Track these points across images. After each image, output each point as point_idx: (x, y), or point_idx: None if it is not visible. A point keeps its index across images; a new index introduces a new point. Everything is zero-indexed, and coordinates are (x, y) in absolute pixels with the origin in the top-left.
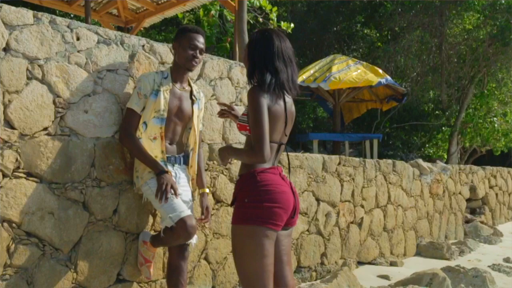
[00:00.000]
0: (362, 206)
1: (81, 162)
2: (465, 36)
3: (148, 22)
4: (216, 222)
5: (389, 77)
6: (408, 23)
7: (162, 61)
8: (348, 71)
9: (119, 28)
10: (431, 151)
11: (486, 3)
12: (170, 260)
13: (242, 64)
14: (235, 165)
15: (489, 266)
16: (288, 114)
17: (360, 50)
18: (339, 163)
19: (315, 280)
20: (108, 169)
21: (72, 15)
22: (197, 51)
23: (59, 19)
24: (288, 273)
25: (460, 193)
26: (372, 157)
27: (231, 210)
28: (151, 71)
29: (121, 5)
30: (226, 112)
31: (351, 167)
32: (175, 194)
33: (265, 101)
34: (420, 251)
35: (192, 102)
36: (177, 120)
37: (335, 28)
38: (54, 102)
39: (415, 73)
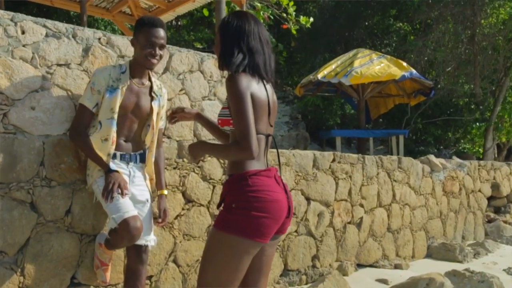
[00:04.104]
0: (362, 206)
1: (28, 161)
2: (501, 27)
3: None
4: (186, 223)
5: (414, 71)
6: (438, 14)
7: (121, 54)
8: (371, 65)
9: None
10: (467, 147)
11: None
12: (128, 264)
13: (215, 56)
14: (208, 163)
15: (504, 270)
16: (271, 102)
17: (394, 44)
18: (334, 160)
19: (305, 284)
20: (59, 168)
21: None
22: (156, 48)
23: (0, 12)
24: (263, 285)
25: (479, 190)
26: (398, 153)
27: (203, 210)
28: (107, 65)
29: (132, 4)
30: (176, 115)
31: (348, 164)
32: (122, 193)
33: (246, 87)
34: (431, 253)
35: (152, 99)
36: (134, 117)
37: (366, 23)
38: None
39: (448, 67)
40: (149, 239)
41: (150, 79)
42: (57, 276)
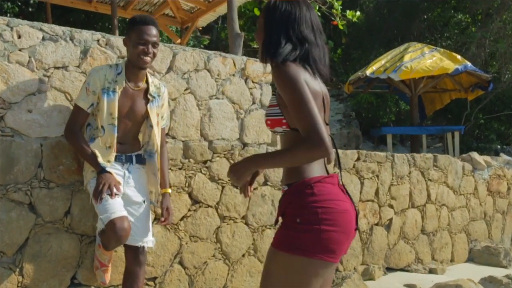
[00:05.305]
0: (391, 206)
1: (25, 163)
2: None
3: (202, 21)
4: (193, 224)
5: (469, 64)
6: (500, 3)
7: (121, 55)
8: (422, 59)
9: (177, 30)
10: None
11: None
12: (126, 265)
13: (223, 54)
14: (217, 163)
15: None
16: (325, 98)
17: (455, 37)
18: (358, 159)
19: None
20: (58, 170)
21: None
22: (149, 46)
23: None
24: None
25: None
26: (453, 150)
27: (211, 211)
28: (104, 65)
29: (174, 6)
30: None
31: (374, 163)
32: (111, 194)
33: (299, 74)
34: (473, 257)
35: (148, 101)
36: (127, 120)
37: (425, 16)
38: None
39: None
40: (146, 240)
41: (147, 80)
42: (56, 276)
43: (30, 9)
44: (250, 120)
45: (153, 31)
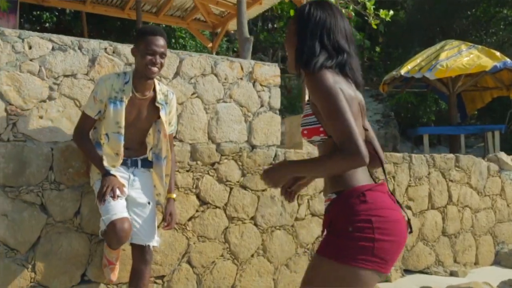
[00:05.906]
0: (409, 208)
1: (37, 166)
2: None
3: (233, 25)
4: (201, 225)
5: (508, 60)
6: None
7: (128, 62)
8: (459, 57)
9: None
10: None
11: None
12: (133, 264)
13: (230, 58)
14: (225, 165)
15: None
16: (361, 104)
17: (501, 33)
18: None
19: None
20: (68, 172)
21: (163, 25)
22: (157, 56)
23: (8, 31)
24: None
25: None
26: (494, 151)
27: (219, 212)
28: (111, 74)
29: (204, 10)
30: (290, 190)
31: (391, 164)
32: (114, 196)
33: (334, 82)
34: (500, 260)
35: (158, 109)
36: (133, 128)
37: (469, 12)
38: (5, 110)
39: None
40: (152, 240)
41: (154, 88)
42: (66, 273)
43: (67, 18)
44: (259, 123)
45: (161, 42)
